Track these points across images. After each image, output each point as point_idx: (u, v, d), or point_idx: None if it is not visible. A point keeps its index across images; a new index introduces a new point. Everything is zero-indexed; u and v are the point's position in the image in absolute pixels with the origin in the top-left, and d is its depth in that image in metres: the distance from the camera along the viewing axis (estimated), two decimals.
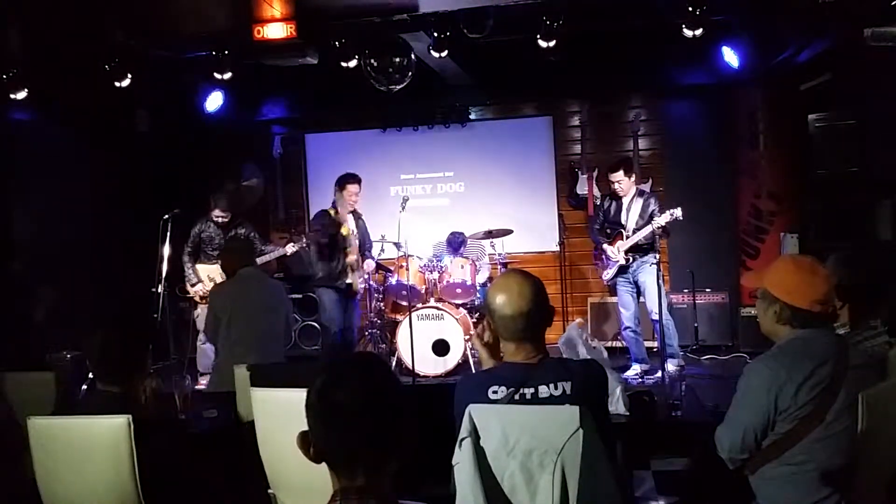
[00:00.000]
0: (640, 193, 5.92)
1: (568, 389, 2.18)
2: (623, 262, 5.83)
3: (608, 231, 5.97)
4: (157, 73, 5.93)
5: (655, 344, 6.01)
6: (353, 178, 5.98)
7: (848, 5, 4.75)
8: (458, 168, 7.67)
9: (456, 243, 6.80)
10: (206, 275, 6.23)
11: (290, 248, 6.33)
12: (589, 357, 4.57)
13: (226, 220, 6.25)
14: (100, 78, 5.52)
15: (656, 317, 5.64)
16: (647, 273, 5.76)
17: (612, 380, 3.90)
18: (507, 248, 7.05)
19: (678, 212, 5.51)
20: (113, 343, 2.57)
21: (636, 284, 5.89)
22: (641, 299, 5.94)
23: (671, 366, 5.66)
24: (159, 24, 5.31)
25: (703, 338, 6.63)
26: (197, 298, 6.28)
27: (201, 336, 6.32)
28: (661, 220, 5.55)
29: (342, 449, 1.44)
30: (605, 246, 5.92)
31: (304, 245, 6.16)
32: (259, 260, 6.11)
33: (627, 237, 5.79)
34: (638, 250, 5.79)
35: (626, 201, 5.90)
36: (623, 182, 5.83)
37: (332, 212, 5.99)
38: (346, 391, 1.45)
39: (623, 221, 5.86)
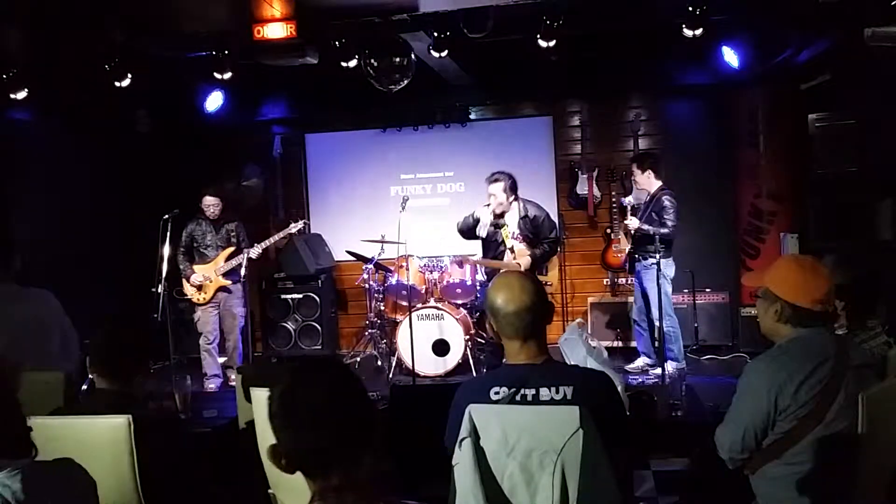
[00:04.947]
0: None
1: (569, 394, 2.16)
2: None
3: None
4: (157, 73, 5.93)
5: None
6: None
7: (848, 5, 4.74)
8: (458, 168, 7.65)
9: None
10: (202, 273, 6.22)
11: (294, 227, 6.34)
12: (591, 357, 4.56)
13: (216, 212, 6.25)
14: (100, 78, 5.52)
15: (655, 321, 5.71)
16: (646, 279, 5.85)
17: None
18: None
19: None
20: (112, 342, 2.58)
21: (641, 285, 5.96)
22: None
23: (669, 367, 5.67)
24: (159, 24, 5.31)
25: (703, 338, 6.63)
26: (194, 299, 6.28)
27: (203, 338, 6.33)
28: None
29: (311, 450, 1.45)
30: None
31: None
32: (260, 245, 6.16)
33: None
34: (641, 249, 5.87)
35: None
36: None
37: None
38: (307, 391, 1.46)
39: None
